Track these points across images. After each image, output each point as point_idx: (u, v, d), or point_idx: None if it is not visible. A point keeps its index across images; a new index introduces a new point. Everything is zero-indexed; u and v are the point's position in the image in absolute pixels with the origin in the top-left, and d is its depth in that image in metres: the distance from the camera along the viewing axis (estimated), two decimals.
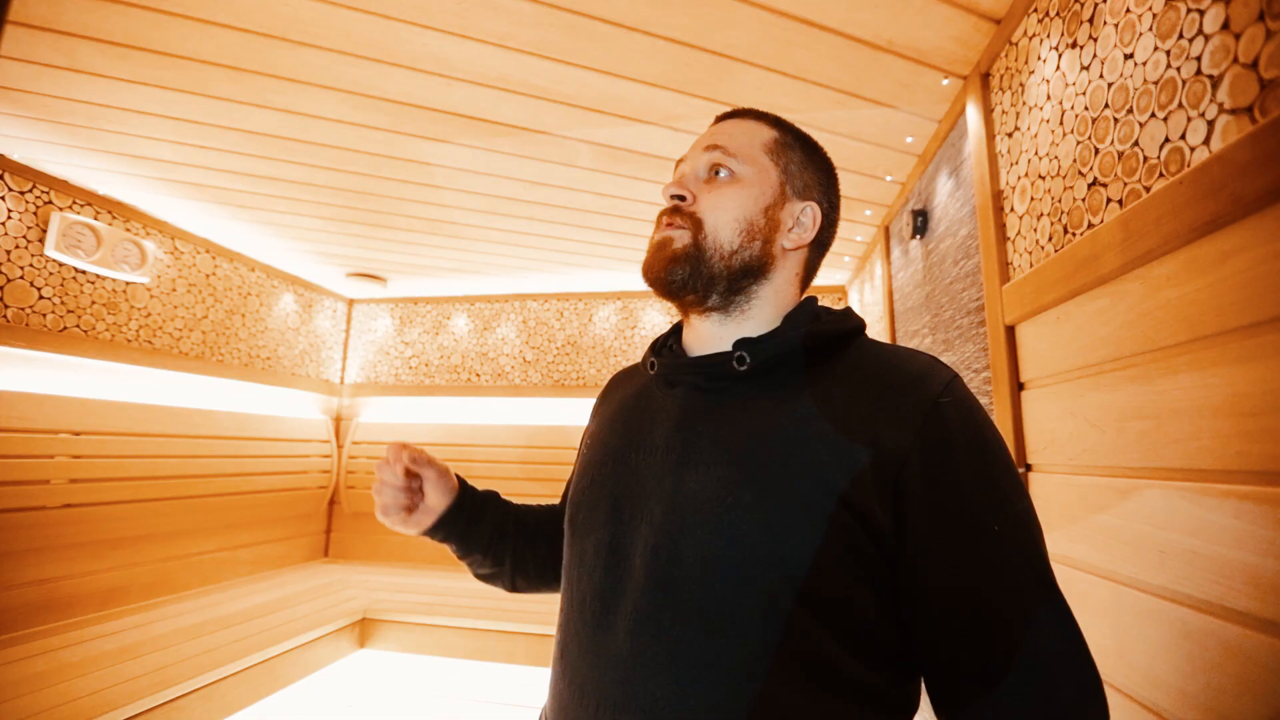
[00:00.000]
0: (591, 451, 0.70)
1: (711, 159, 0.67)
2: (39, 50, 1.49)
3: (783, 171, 0.67)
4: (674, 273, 0.63)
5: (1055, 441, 1.06)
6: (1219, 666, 0.69)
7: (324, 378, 3.82)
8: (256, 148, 1.98)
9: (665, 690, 0.52)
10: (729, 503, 0.54)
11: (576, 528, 0.65)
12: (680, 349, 0.71)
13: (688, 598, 0.53)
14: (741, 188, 0.65)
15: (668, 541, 0.55)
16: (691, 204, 0.65)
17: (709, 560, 0.53)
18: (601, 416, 0.75)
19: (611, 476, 0.64)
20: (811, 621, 0.51)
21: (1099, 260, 0.91)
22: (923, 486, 0.51)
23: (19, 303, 2.18)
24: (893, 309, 2.33)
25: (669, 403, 0.65)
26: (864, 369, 0.59)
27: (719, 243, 0.63)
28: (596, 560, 0.60)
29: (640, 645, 0.54)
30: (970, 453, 0.53)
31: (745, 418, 0.58)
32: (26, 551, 2.12)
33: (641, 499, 0.59)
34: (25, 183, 2.22)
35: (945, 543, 0.51)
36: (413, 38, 1.42)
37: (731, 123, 0.70)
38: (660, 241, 0.65)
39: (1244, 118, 0.68)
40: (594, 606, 0.58)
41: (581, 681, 0.57)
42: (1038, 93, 1.15)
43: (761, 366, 0.60)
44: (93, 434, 2.35)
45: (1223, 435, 0.69)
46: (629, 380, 0.78)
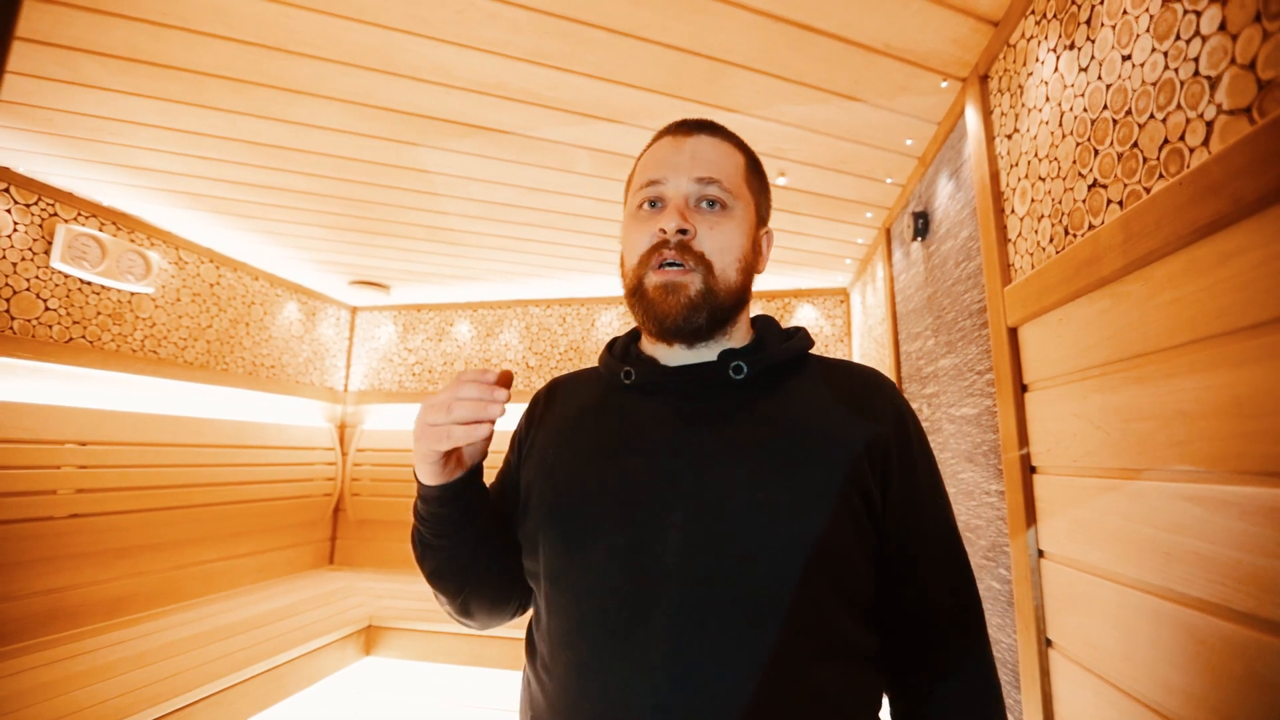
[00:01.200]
0: (561, 459, 0.67)
1: (705, 191, 0.65)
2: (43, 65, 1.51)
3: (755, 200, 0.70)
4: (693, 320, 0.63)
5: (1059, 443, 1.06)
6: (1225, 668, 0.69)
7: (328, 385, 3.83)
8: (258, 158, 1.99)
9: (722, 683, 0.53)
10: (760, 497, 0.57)
11: (573, 537, 0.62)
12: (650, 358, 0.70)
13: (733, 590, 0.55)
14: (737, 223, 0.66)
15: (703, 539, 0.56)
16: (693, 238, 0.64)
17: (749, 551, 0.56)
18: (555, 424, 0.72)
19: (608, 482, 0.62)
20: (834, 597, 0.57)
21: (1100, 262, 0.91)
22: (901, 469, 0.62)
23: (25, 314, 2.20)
24: (895, 311, 2.33)
25: (655, 409, 0.65)
26: (830, 376, 0.68)
27: (728, 282, 0.64)
28: (611, 565, 0.58)
29: (687, 642, 0.54)
30: (921, 442, 0.66)
31: (749, 420, 0.62)
32: (34, 561, 2.13)
33: (655, 501, 0.59)
34: (31, 195, 2.24)
35: (919, 510, 0.63)
36: (410, 47, 1.43)
37: (708, 144, 0.68)
38: (671, 285, 0.63)
39: (1242, 118, 0.67)
40: (620, 614, 0.57)
41: (618, 694, 0.55)
42: (1036, 94, 1.15)
43: (753, 376, 0.65)
44: (99, 444, 2.37)
45: (1226, 436, 0.69)
46: (576, 389, 0.76)
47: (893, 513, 0.61)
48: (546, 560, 0.64)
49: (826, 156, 1.91)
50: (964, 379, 1.60)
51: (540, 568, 0.65)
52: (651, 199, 0.67)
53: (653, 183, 0.66)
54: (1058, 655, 1.07)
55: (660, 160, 0.67)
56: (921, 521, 0.63)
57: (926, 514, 0.63)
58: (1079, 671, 1.00)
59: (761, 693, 0.53)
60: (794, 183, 2.09)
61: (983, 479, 1.47)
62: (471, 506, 0.65)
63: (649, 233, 0.65)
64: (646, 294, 0.64)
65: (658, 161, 0.67)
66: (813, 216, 2.39)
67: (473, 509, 0.66)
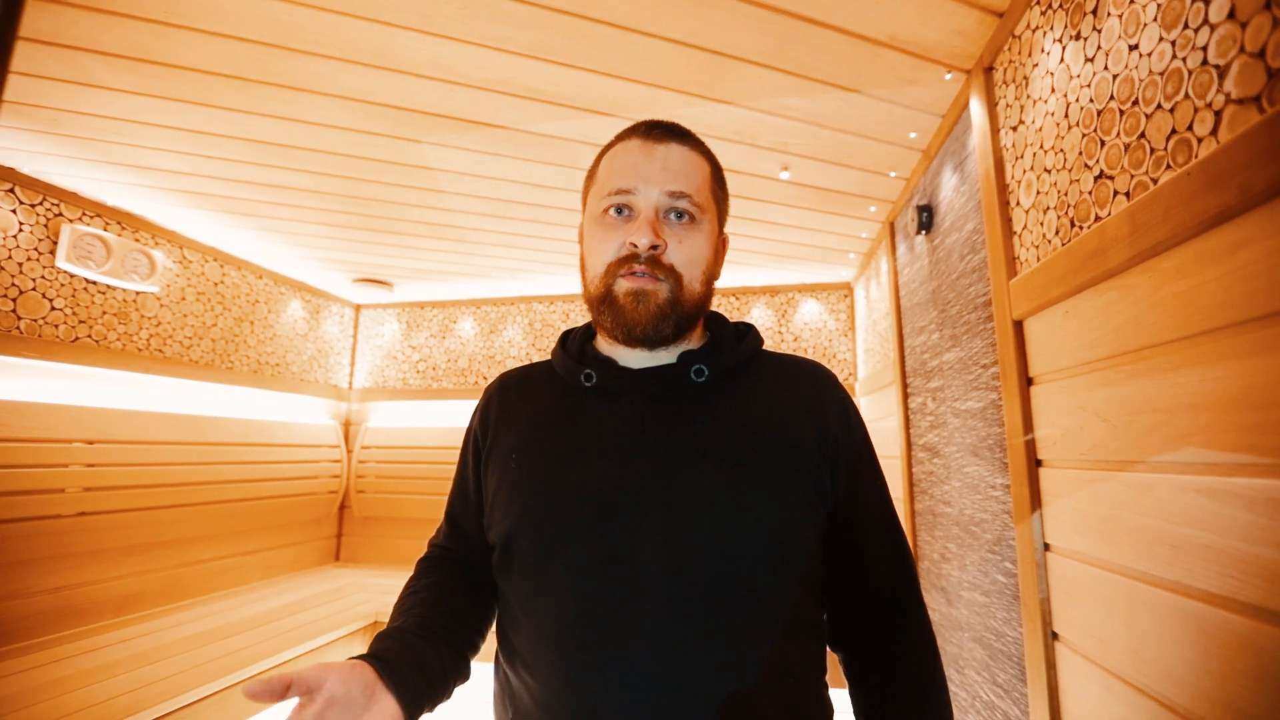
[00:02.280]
0: (527, 464, 0.67)
1: (676, 204, 0.66)
2: (46, 65, 1.51)
3: (717, 209, 0.72)
4: (661, 329, 0.66)
5: (1065, 436, 1.06)
6: (1233, 661, 0.69)
7: (332, 383, 3.84)
8: (261, 156, 1.99)
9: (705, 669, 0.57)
10: (732, 494, 0.61)
11: (546, 543, 0.62)
12: (609, 360, 0.72)
13: (710, 586, 0.59)
14: (704, 236, 0.68)
15: (679, 539, 0.59)
16: (664, 253, 0.65)
17: (727, 545, 0.60)
18: (514, 427, 0.72)
19: (580, 487, 0.63)
20: (796, 581, 0.62)
21: (1106, 253, 0.90)
22: (847, 457, 0.68)
23: (32, 314, 2.21)
24: (899, 305, 2.32)
25: (619, 412, 0.67)
26: (782, 372, 0.72)
27: (694, 293, 0.67)
28: (591, 569, 0.60)
29: (671, 640, 0.57)
30: (861, 431, 0.72)
31: (713, 420, 0.66)
32: (42, 559, 2.15)
33: (630, 503, 0.61)
34: (36, 195, 2.24)
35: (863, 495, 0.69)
36: (412, 43, 1.43)
37: (678, 153, 0.67)
38: (640, 292, 0.64)
39: (1251, 107, 0.67)
40: (605, 615, 0.58)
41: (610, 690, 0.56)
42: (1042, 85, 1.15)
43: (712, 377, 0.68)
44: (106, 443, 2.38)
45: (1234, 428, 0.69)
46: (530, 389, 0.76)
47: (840, 498, 0.67)
48: (521, 564, 0.64)
49: (830, 150, 1.90)
50: (969, 373, 1.59)
51: (513, 570, 0.65)
52: (619, 205, 0.67)
53: (623, 191, 0.66)
54: (1064, 649, 1.07)
55: (630, 167, 0.66)
56: (866, 505, 0.69)
57: (869, 498, 0.70)
58: (1085, 665, 1.00)
59: (743, 677, 0.57)
60: (797, 177, 2.08)
61: (988, 472, 1.47)
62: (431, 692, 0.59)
63: (617, 241, 0.65)
64: (616, 301, 0.65)
65: (627, 169, 0.67)
66: (816, 211, 2.39)
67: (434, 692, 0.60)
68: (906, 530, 2.14)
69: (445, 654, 0.63)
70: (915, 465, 2.13)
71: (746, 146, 1.88)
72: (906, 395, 2.24)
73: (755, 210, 2.38)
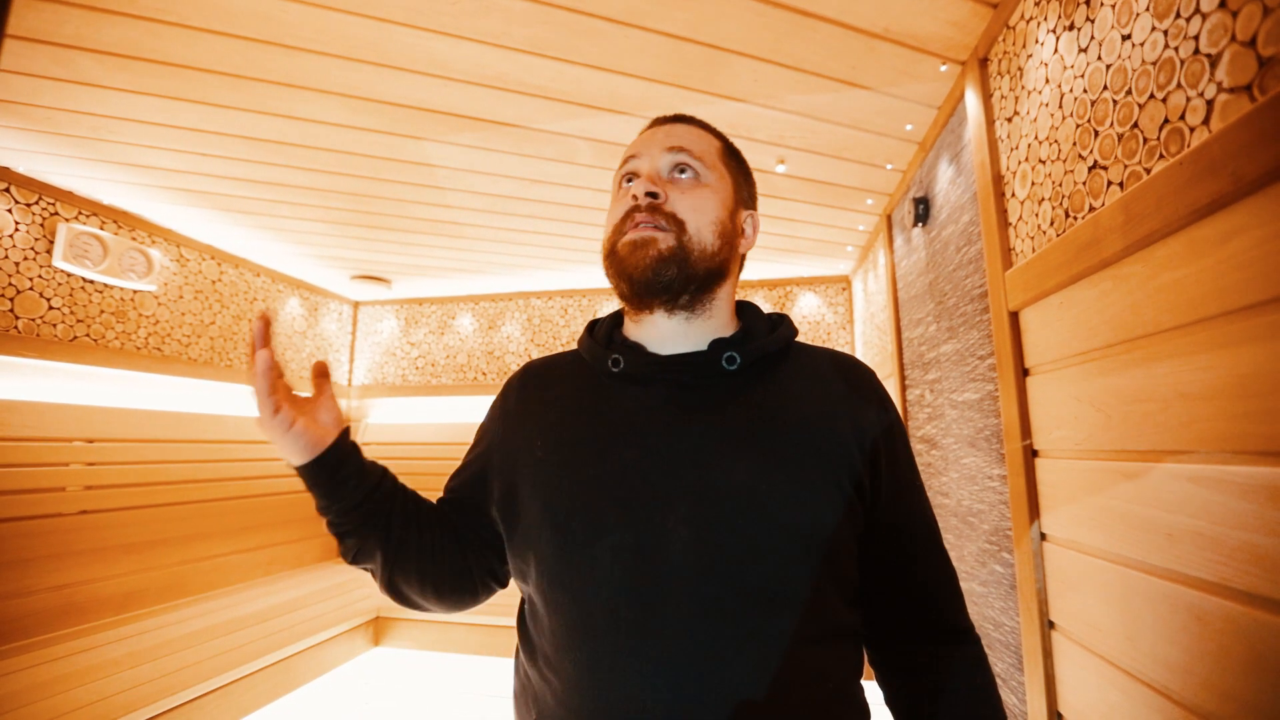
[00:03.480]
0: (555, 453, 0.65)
1: (677, 159, 0.67)
2: (40, 63, 1.51)
3: (734, 180, 0.72)
4: (662, 273, 0.63)
5: (1061, 426, 1.06)
6: (1227, 647, 0.69)
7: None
8: (257, 154, 1.99)
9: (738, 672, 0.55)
10: (764, 489, 0.58)
11: (573, 536, 0.60)
12: (639, 346, 0.69)
13: (741, 583, 0.56)
14: (712, 191, 0.67)
15: (712, 532, 0.57)
16: (665, 202, 0.65)
17: (753, 544, 0.57)
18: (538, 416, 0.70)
19: (606, 478, 0.61)
20: (829, 581, 0.59)
21: (1101, 244, 0.91)
22: (888, 455, 0.65)
23: (29, 313, 2.21)
24: (896, 298, 2.32)
25: (649, 399, 0.64)
26: (816, 366, 0.69)
27: (703, 243, 0.65)
28: (616, 566, 0.57)
29: (701, 637, 0.55)
30: (901, 428, 0.69)
31: (744, 411, 0.63)
32: (45, 558, 2.15)
33: (657, 497, 0.58)
34: (32, 195, 2.24)
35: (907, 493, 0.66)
36: (407, 39, 1.43)
37: (681, 127, 0.70)
38: (642, 241, 0.63)
39: (1243, 96, 0.67)
40: (631, 612, 0.56)
41: (637, 690, 0.55)
42: (1036, 76, 1.15)
43: (746, 366, 0.65)
44: (106, 441, 2.38)
45: (1227, 417, 0.69)
46: (554, 377, 0.74)
47: (883, 497, 0.64)
48: (544, 559, 0.62)
49: (826, 143, 1.90)
50: (966, 364, 1.60)
51: (533, 566, 0.63)
52: (627, 174, 0.69)
53: (629, 158, 0.69)
54: (1060, 637, 1.08)
55: (636, 143, 0.71)
56: (911, 503, 0.67)
57: (913, 496, 0.67)
58: (1082, 653, 1.00)
59: (774, 678, 0.55)
60: (794, 170, 2.08)
61: (985, 464, 1.47)
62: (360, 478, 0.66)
63: (624, 202, 0.67)
64: (617, 253, 0.65)
65: (635, 144, 0.71)
66: (813, 204, 2.39)
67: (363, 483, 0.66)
68: None
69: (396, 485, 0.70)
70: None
71: (743, 140, 1.88)
72: (905, 387, 2.24)
73: None
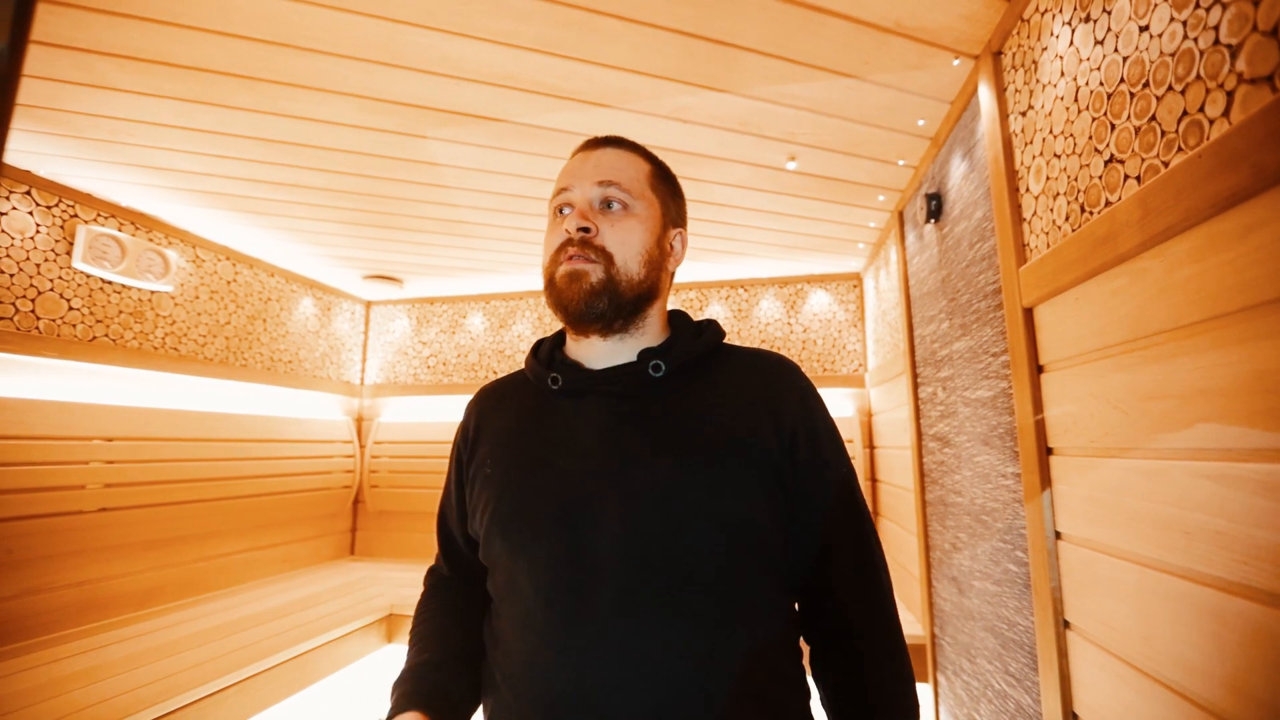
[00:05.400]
0: (502, 468, 0.72)
1: (606, 193, 0.71)
2: (60, 68, 1.53)
3: (662, 203, 0.75)
4: (594, 306, 0.69)
5: (1077, 424, 1.05)
6: (1248, 648, 0.68)
7: (344, 379, 3.88)
8: (271, 155, 2.01)
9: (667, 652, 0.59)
10: (684, 484, 0.64)
11: (516, 540, 0.67)
12: (574, 362, 0.76)
13: (666, 575, 0.61)
14: (639, 221, 0.72)
15: (634, 530, 0.62)
16: (595, 235, 0.69)
17: (676, 538, 0.62)
18: (492, 436, 0.77)
19: (546, 486, 0.67)
20: (757, 567, 0.65)
21: (1117, 239, 0.89)
22: (805, 443, 0.69)
23: (50, 314, 2.24)
24: (909, 295, 2.30)
25: (584, 411, 0.71)
26: (742, 365, 0.74)
27: (629, 274, 0.70)
28: (553, 561, 0.63)
29: (631, 626, 0.60)
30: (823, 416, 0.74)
31: (669, 415, 0.69)
32: (65, 555, 2.19)
33: (590, 499, 0.65)
34: (52, 197, 2.28)
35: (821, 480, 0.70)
36: (419, 40, 1.43)
37: (611, 154, 0.74)
38: (573, 274, 0.68)
39: (1264, 87, 0.66)
40: (567, 605, 0.61)
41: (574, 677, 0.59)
42: (1051, 69, 1.13)
43: (671, 372, 0.71)
44: (125, 440, 2.42)
45: (1247, 413, 0.68)
46: (505, 397, 0.81)
47: (800, 483, 0.69)
48: (498, 563, 0.70)
49: (837, 139, 1.88)
50: (979, 361, 1.58)
51: (491, 569, 0.72)
52: (561, 205, 0.73)
53: (562, 190, 0.73)
54: (1076, 637, 1.07)
55: (569, 171, 0.74)
56: (824, 490, 0.70)
57: (828, 488, 0.70)
58: (1097, 653, 0.99)
59: (701, 659, 0.60)
60: (805, 167, 2.07)
61: (999, 461, 1.46)
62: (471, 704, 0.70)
63: (559, 234, 0.71)
64: (555, 284, 0.70)
65: (567, 173, 0.74)
66: (824, 201, 2.37)
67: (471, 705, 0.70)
68: (917, 520, 2.14)
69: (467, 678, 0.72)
70: (926, 455, 2.12)
71: (753, 137, 1.87)
72: (917, 385, 2.23)
73: (763, 201, 2.37)
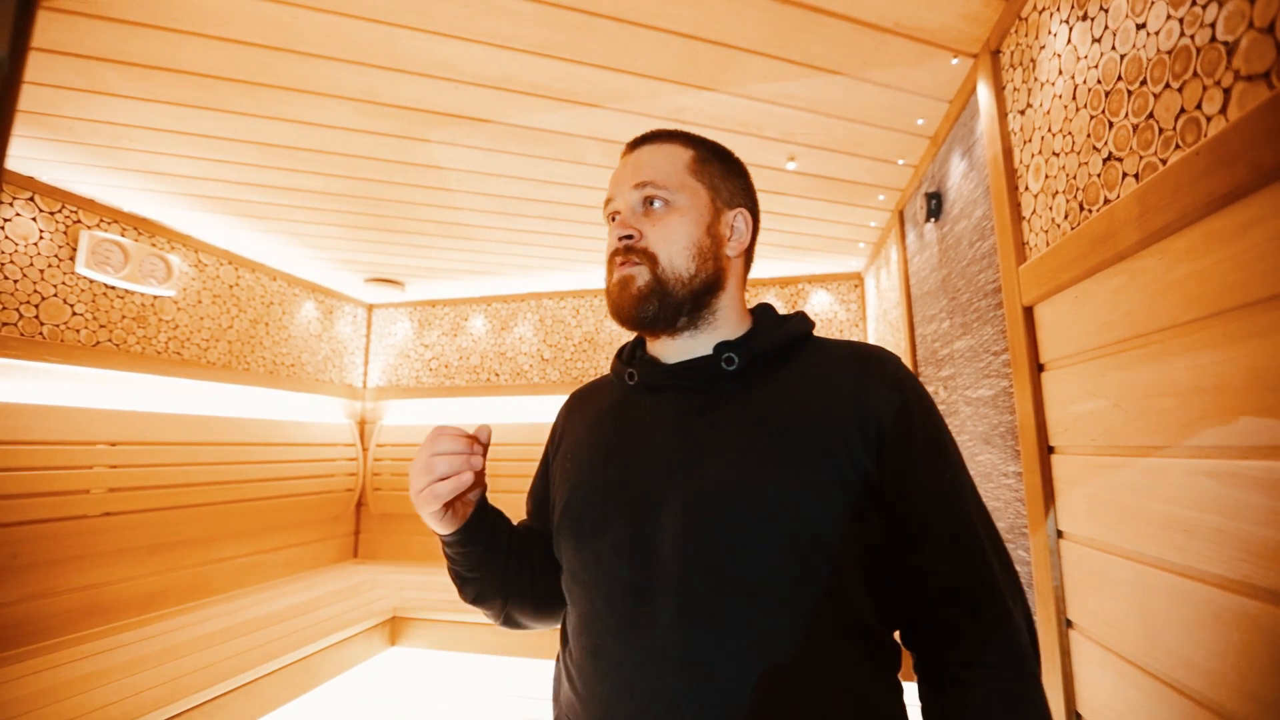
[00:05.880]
0: (577, 464, 0.73)
1: (643, 194, 0.70)
2: (62, 74, 1.54)
3: (709, 188, 0.72)
4: (644, 310, 0.67)
5: (1077, 423, 1.05)
6: (1249, 645, 0.68)
7: (347, 382, 3.89)
8: (272, 159, 2.02)
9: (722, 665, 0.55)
10: (752, 484, 0.59)
11: (582, 535, 0.67)
12: (652, 358, 0.75)
13: (727, 575, 0.57)
14: (681, 215, 0.69)
15: (697, 528, 0.59)
16: (640, 240, 0.68)
17: (741, 536, 0.58)
18: (574, 433, 0.78)
19: (614, 481, 0.67)
20: (833, 577, 0.57)
21: (1116, 236, 0.89)
22: (897, 445, 0.61)
23: (53, 319, 2.25)
24: (909, 294, 2.30)
25: (657, 407, 0.69)
26: (829, 357, 0.68)
27: (677, 271, 0.68)
28: (617, 559, 0.62)
29: (689, 629, 0.57)
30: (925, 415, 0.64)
31: (742, 409, 0.65)
32: (70, 559, 2.20)
33: (654, 496, 0.63)
34: (55, 203, 2.29)
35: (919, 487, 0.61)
36: (417, 43, 1.44)
37: (647, 150, 0.73)
38: (622, 280, 0.68)
39: (1261, 84, 0.66)
40: (625, 603, 0.60)
41: (627, 678, 0.58)
42: (1049, 68, 1.13)
43: (748, 364, 0.67)
44: (129, 444, 2.43)
45: (1246, 410, 0.68)
46: (595, 396, 0.81)
47: (892, 490, 0.60)
48: (566, 559, 0.69)
49: (837, 139, 1.89)
50: (980, 360, 1.58)
51: (564, 566, 0.71)
52: (610, 214, 0.74)
53: (608, 200, 0.73)
54: (1078, 635, 1.07)
55: (613, 179, 0.74)
56: (926, 494, 0.61)
57: (928, 485, 0.61)
58: (1100, 651, 0.99)
59: (766, 677, 0.55)
60: (805, 167, 2.07)
61: (1000, 460, 1.46)
62: (492, 539, 0.71)
63: (611, 243, 0.72)
64: (610, 293, 0.71)
65: (612, 181, 0.74)
66: (824, 201, 2.37)
67: (494, 540, 0.71)
68: None
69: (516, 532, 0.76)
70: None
71: (753, 138, 1.87)
72: None
73: (763, 202, 2.35)
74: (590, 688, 0.61)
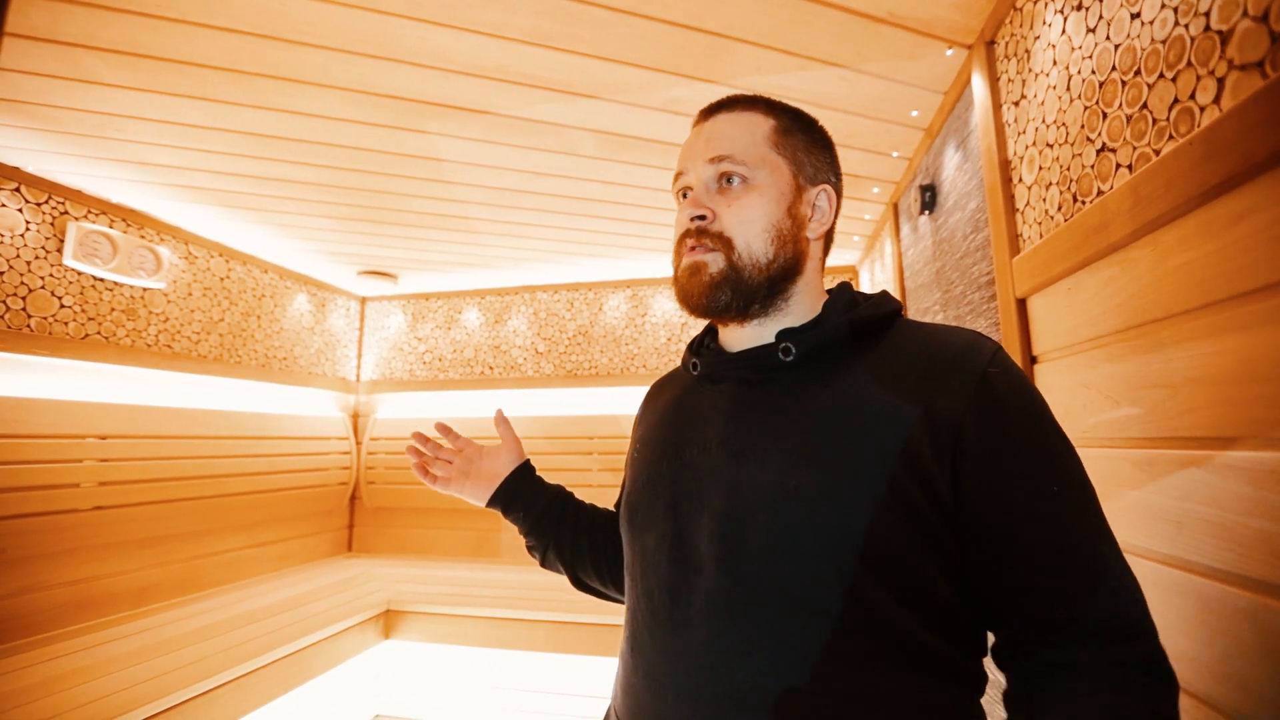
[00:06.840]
0: (642, 454, 0.72)
1: (720, 170, 0.64)
2: (43, 62, 1.52)
3: (792, 163, 0.66)
4: (717, 298, 0.63)
5: (1070, 414, 1.05)
6: (1238, 635, 0.68)
7: (340, 375, 3.87)
8: (262, 149, 2.00)
9: (745, 674, 0.53)
10: (792, 484, 0.55)
11: (635, 525, 0.67)
12: (719, 347, 0.72)
13: (760, 579, 0.54)
14: (760, 194, 0.63)
15: (733, 527, 0.57)
16: (713, 222, 0.63)
17: (777, 540, 0.54)
18: (648, 422, 0.77)
19: (667, 474, 0.65)
20: (880, 591, 0.52)
21: (1109, 228, 0.89)
22: (981, 450, 0.52)
23: (41, 312, 2.23)
24: (904, 287, 2.30)
25: (717, 398, 0.66)
26: (908, 346, 0.60)
27: (754, 258, 0.62)
28: (659, 554, 0.62)
29: (716, 631, 0.55)
30: (1021, 417, 0.54)
31: (796, 403, 0.60)
32: (60, 553, 2.19)
33: (700, 492, 0.61)
34: (41, 194, 2.26)
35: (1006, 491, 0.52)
36: (408, 32, 1.42)
37: (725, 119, 0.66)
38: (694, 266, 0.63)
39: (1254, 73, 0.65)
40: (662, 599, 0.60)
41: (656, 673, 0.58)
42: (1044, 58, 1.12)
43: (808, 354, 0.61)
44: (119, 438, 2.41)
45: (1237, 402, 0.68)
46: (670, 385, 0.79)
47: (969, 498, 0.52)
48: (624, 548, 0.71)
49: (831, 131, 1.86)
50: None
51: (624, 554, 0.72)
52: (681, 190, 0.68)
53: (679, 174, 0.68)
54: None
55: (685, 151, 0.68)
56: (1015, 503, 0.52)
57: (1021, 493, 0.52)
58: None
59: (792, 687, 0.51)
60: None
61: None
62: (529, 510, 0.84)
63: (681, 223, 0.66)
64: (678, 278, 0.66)
65: (683, 152, 0.68)
66: None
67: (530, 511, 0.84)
68: None
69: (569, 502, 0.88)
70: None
71: None
72: None
73: None
74: (629, 679, 0.62)
